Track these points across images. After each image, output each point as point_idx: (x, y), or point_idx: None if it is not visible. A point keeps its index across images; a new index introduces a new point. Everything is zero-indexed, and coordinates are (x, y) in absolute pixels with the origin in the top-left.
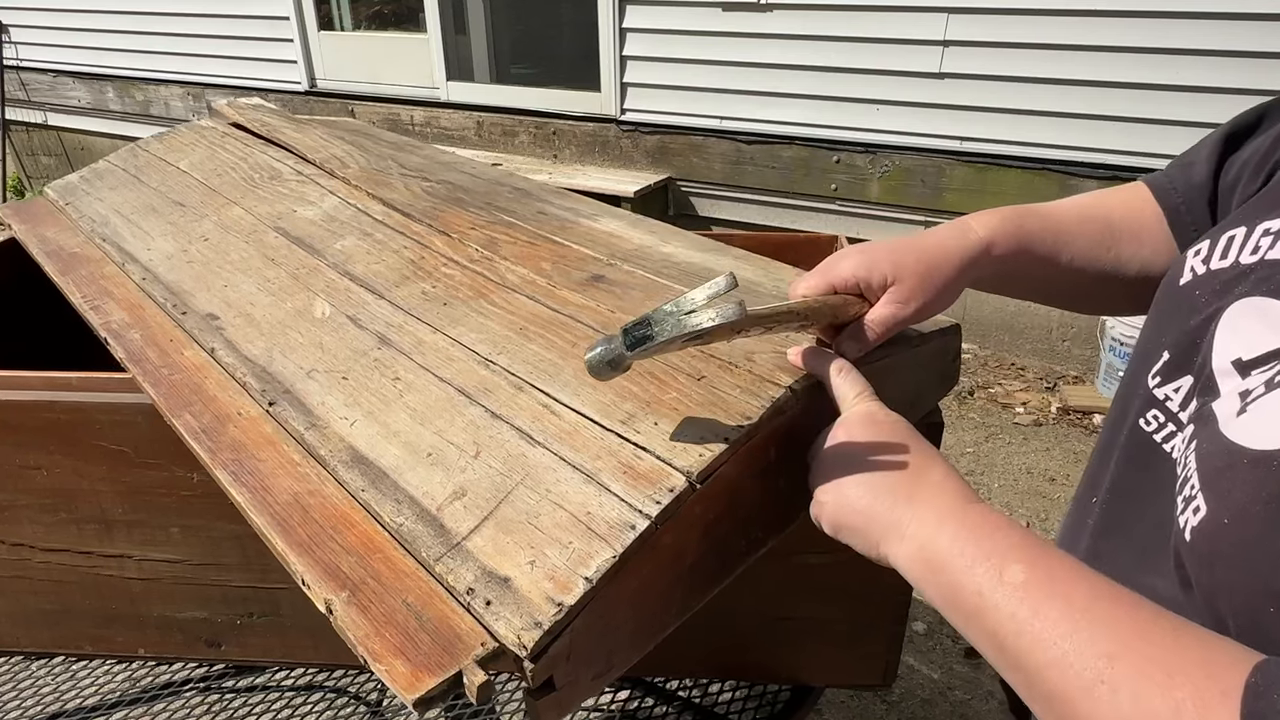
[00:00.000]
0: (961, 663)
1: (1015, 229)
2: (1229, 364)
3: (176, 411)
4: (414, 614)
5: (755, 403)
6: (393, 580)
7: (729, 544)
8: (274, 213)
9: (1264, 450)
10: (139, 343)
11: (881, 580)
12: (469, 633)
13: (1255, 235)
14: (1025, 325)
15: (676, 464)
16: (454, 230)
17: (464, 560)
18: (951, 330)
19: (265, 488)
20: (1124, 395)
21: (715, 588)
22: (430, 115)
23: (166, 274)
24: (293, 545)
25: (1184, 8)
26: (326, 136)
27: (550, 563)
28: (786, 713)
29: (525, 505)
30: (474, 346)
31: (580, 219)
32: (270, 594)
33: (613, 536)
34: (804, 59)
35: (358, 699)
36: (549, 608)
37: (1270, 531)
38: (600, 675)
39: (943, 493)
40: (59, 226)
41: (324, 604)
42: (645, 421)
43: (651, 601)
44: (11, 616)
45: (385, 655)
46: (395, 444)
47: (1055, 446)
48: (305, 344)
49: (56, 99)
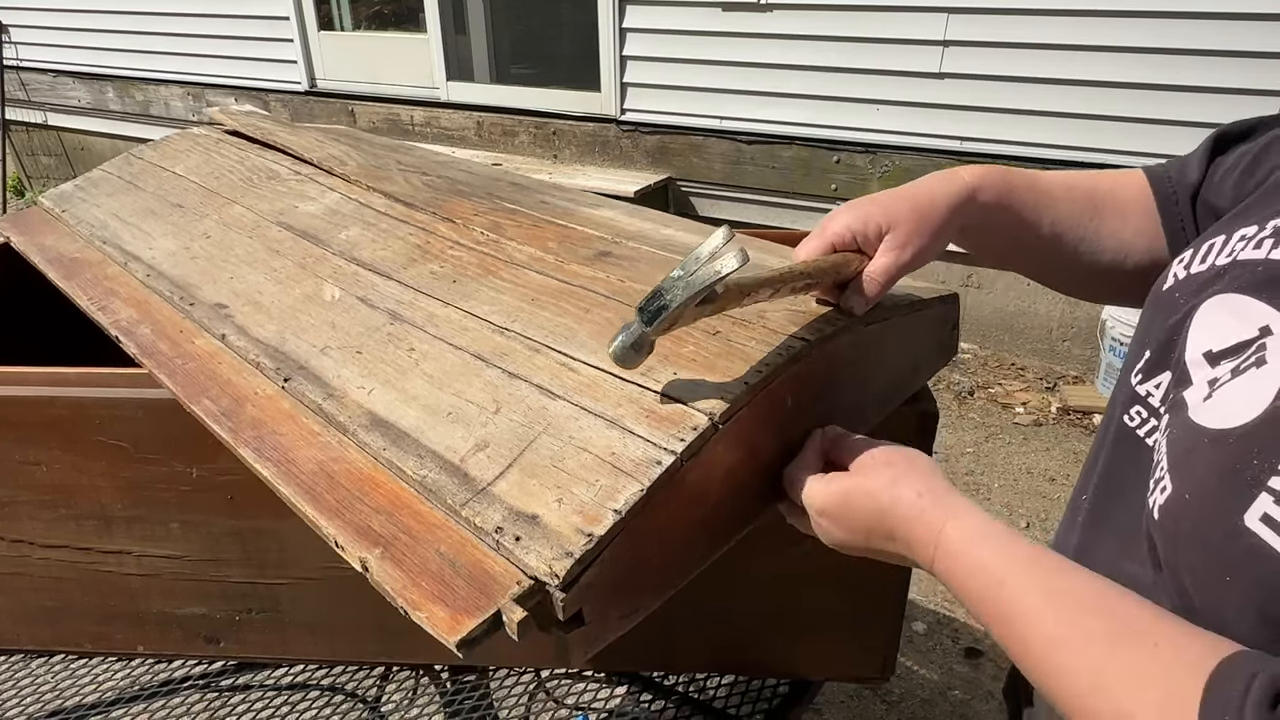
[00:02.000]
0: (961, 663)
1: (1001, 181)
2: (1200, 356)
3: (194, 398)
4: (448, 562)
5: (771, 351)
6: (423, 533)
7: (749, 490)
8: (275, 209)
9: (1223, 429)
10: (149, 336)
11: (880, 573)
12: (503, 574)
13: (1232, 240)
14: (1025, 325)
15: (699, 406)
16: (458, 217)
17: (490, 503)
18: (950, 298)
19: (289, 460)
20: (1113, 397)
21: (735, 535)
22: (430, 115)
23: (171, 270)
24: (323, 511)
25: (1184, 8)
26: (322, 138)
27: (578, 499)
28: (785, 706)
29: (549, 451)
30: (487, 317)
31: (581, 207)
32: (269, 589)
33: (639, 473)
34: (804, 59)
35: (355, 696)
36: (579, 538)
37: (1225, 504)
38: (627, 615)
39: (909, 544)
40: (57, 234)
41: (359, 562)
42: (664, 372)
43: (676, 542)
44: (11, 613)
45: (424, 603)
46: (414, 407)
47: (1055, 446)
48: (316, 324)
49: (56, 99)
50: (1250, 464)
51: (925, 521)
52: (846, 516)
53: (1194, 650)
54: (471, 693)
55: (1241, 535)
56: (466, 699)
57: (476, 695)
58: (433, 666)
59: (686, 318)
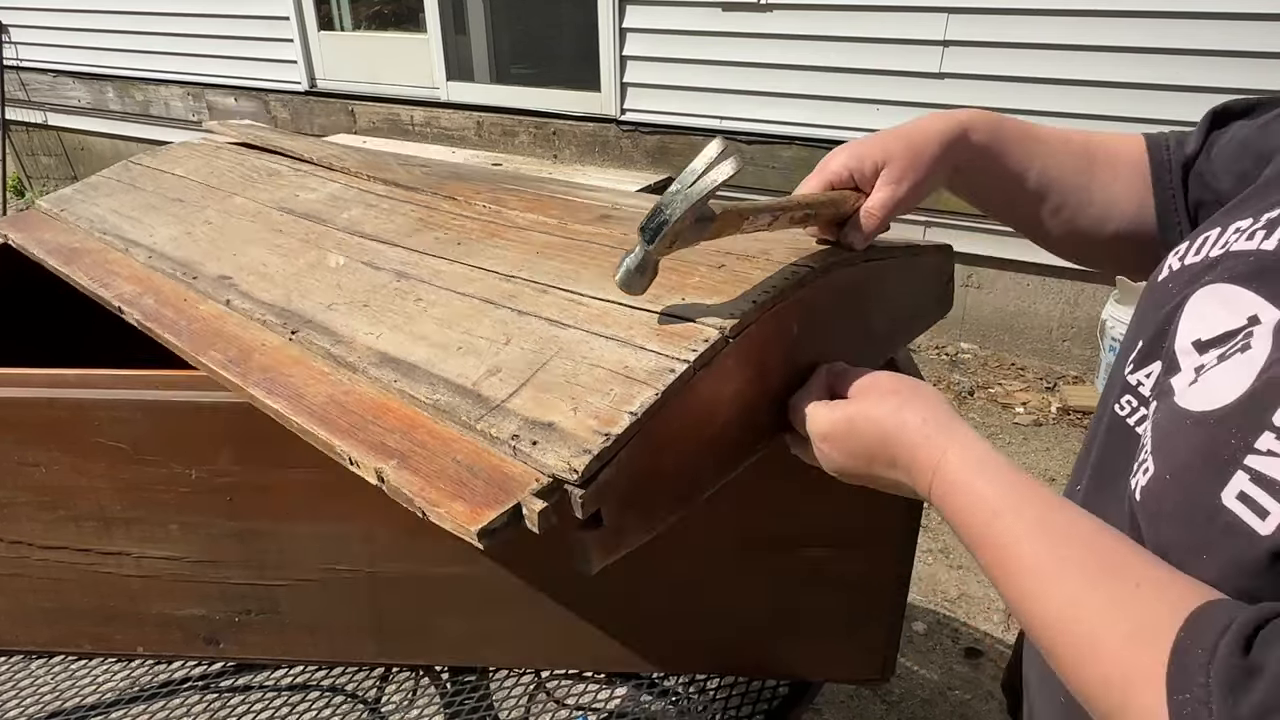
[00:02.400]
0: (961, 663)
1: (995, 123)
2: (1190, 344)
3: (201, 351)
4: (465, 467)
5: (778, 277)
6: (438, 446)
7: (757, 413)
8: (276, 198)
9: (1206, 410)
10: (153, 305)
11: (879, 573)
12: (521, 474)
13: (1227, 232)
14: (1025, 325)
15: (708, 322)
16: (460, 195)
17: (505, 416)
18: (945, 248)
19: (299, 395)
20: (1107, 387)
21: (744, 460)
22: (430, 115)
23: (173, 252)
24: (336, 432)
25: (1184, 8)
26: (320, 144)
27: (593, 406)
28: (785, 708)
29: (562, 370)
30: (493, 269)
31: (579, 190)
32: (269, 591)
33: (653, 379)
34: (804, 59)
35: (355, 697)
36: (596, 438)
37: (1204, 483)
38: (642, 525)
39: (910, 470)
40: (56, 230)
41: (374, 474)
42: (673, 299)
43: (689, 457)
44: (10, 615)
45: (442, 501)
46: (423, 345)
47: (1055, 446)
48: (322, 286)
49: (56, 99)
50: (1228, 443)
51: (927, 448)
52: (850, 442)
53: (1176, 591)
54: (471, 693)
55: (1219, 514)
56: (466, 700)
57: (476, 696)
58: (433, 667)
59: (687, 237)
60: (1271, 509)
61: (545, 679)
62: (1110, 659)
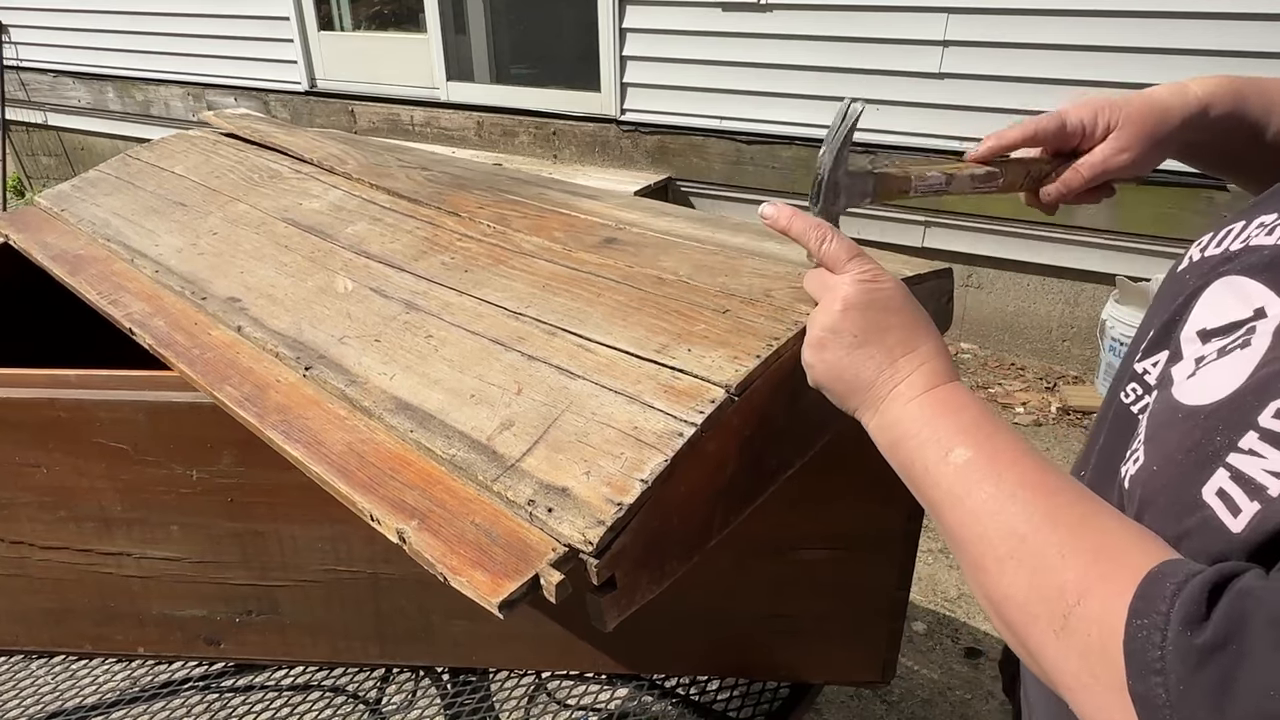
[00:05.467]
0: (961, 663)
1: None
2: (1195, 333)
3: (216, 385)
4: (484, 532)
5: (780, 326)
6: (457, 506)
7: (762, 460)
8: (279, 206)
9: (1198, 405)
10: (164, 328)
11: (879, 576)
12: (539, 542)
13: (1251, 227)
14: (1025, 325)
15: (714, 379)
16: (463, 210)
17: (520, 478)
18: (945, 272)
19: (318, 441)
20: (1116, 376)
21: (751, 504)
22: (430, 115)
23: (179, 266)
24: (356, 487)
25: (1184, 8)
26: (319, 138)
27: (605, 471)
28: (785, 710)
29: (573, 428)
30: (501, 303)
31: (579, 199)
32: (269, 591)
33: (662, 444)
34: (803, 59)
35: (356, 697)
36: (609, 507)
37: (1187, 477)
38: (655, 579)
39: (921, 369)
40: (58, 232)
41: (396, 534)
42: (679, 349)
43: (698, 510)
44: (11, 615)
45: (464, 569)
46: (437, 390)
47: (1055, 446)
48: (332, 315)
49: (56, 99)
50: (1214, 440)
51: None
52: (873, 304)
53: (1147, 543)
54: (472, 694)
55: (1198, 508)
56: (467, 701)
57: (477, 697)
58: (433, 668)
59: (852, 196)
60: (1245, 506)
61: (546, 679)
62: (1074, 570)
